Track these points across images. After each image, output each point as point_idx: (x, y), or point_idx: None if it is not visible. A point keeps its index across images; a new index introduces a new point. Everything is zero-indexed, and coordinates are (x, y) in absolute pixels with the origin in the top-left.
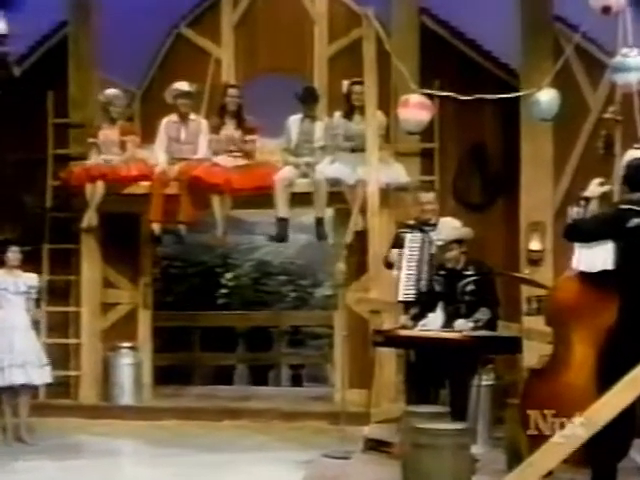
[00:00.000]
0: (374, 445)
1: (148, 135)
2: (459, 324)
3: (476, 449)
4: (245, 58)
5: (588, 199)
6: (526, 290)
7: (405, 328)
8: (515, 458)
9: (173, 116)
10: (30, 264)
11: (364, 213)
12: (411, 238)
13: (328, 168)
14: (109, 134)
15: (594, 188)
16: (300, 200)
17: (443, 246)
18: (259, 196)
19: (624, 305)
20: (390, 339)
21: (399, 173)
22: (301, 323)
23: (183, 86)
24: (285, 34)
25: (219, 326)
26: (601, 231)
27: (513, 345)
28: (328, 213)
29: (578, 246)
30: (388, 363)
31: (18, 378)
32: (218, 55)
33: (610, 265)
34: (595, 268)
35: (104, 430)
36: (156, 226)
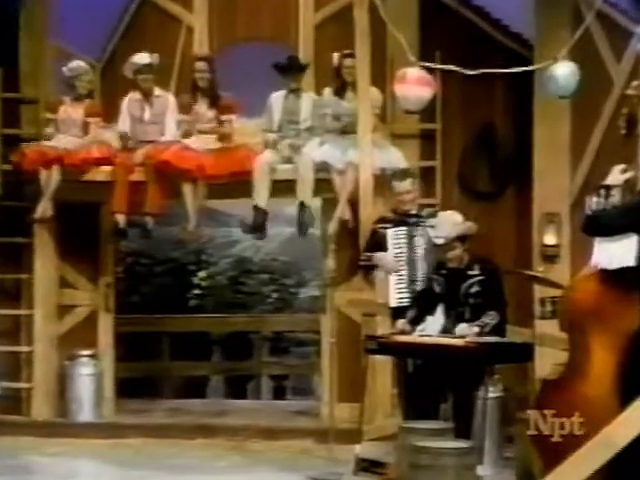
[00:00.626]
0: (367, 466)
1: (110, 114)
2: (461, 329)
3: (483, 470)
4: (220, 26)
5: (609, 188)
6: (539, 290)
7: (402, 333)
8: None
9: (136, 93)
10: None
11: (355, 202)
12: (394, 235)
13: (315, 152)
14: (71, 112)
15: (616, 176)
16: (283, 188)
17: (444, 245)
18: (237, 184)
19: None
20: (385, 346)
21: (396, 158)
22: (284, 328)
23: (143, 59)
24: None
25: (191, 331)
26: (624, 223)
27: (524, 352)
28: (315, 203)
29: (598, 241)
30: (382, 373)
31: None
32: (190, 22)
33: (633, 261)
34: (617, 265)
35: (60, 450)
36: (120, 218)
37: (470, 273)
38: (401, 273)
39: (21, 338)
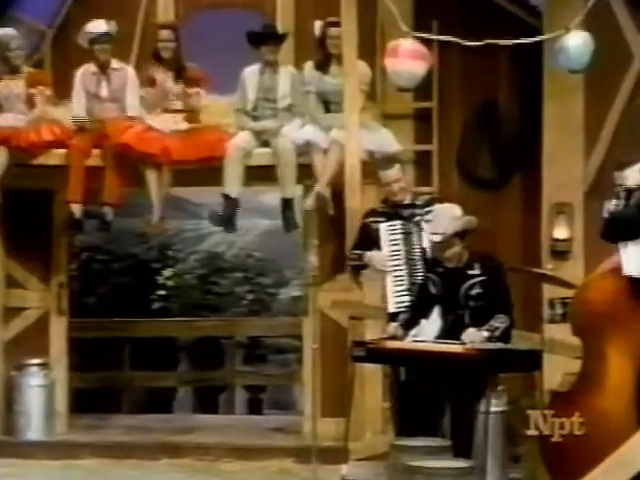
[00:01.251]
0: None
1: (63, 88)
2: (469, 334)
3: None
4: None
5: (630, 190)
6: (549, 290)
7: (394, 339)
8: None
9: (91, 65)
10: None
11: (341, 191)
12: (388, 230)
13: (296, 133)
14: (12, 86)
15: (637, 176)
16: (259, 175)
17: (441, 242)
18: (207, 170)
19: None
20: (374, 353)
21: (387, 141)
22: (261, 333)
23: (99, 26)
24: None
25: (155, 337)
26: None
27: (531, 360)
28: (297, 192)
29: (623, 246)
30: (372, 384)
31: None
32: None
33: None
34: None
35: (6, 472)
36: (75, 208)
37: (470, 273)
38: (399, 274)
39: None
